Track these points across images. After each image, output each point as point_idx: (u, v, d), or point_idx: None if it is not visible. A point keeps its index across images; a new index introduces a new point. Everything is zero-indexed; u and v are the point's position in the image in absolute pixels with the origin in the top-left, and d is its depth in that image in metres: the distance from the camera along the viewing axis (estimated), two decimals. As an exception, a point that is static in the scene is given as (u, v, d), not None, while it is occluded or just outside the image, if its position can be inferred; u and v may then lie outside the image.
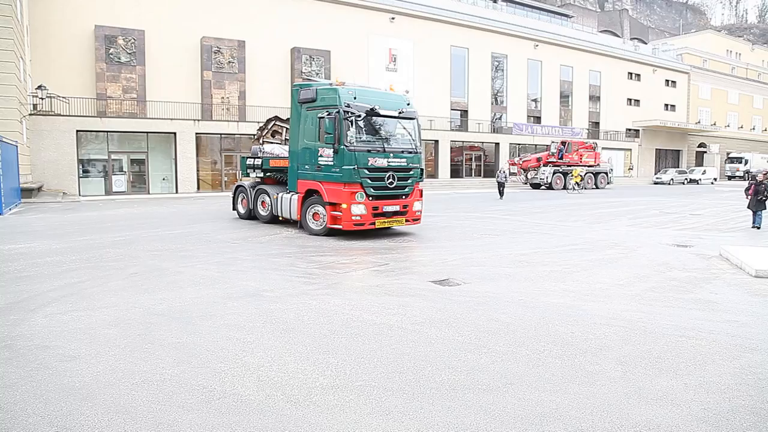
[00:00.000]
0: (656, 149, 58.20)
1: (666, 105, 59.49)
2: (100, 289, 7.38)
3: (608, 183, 40.89)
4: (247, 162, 15.64)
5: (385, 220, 12.71)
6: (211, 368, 4.59)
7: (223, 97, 31.86)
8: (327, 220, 12.49)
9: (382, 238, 12.67)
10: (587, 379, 4.47)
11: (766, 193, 15.23)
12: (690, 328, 5.86)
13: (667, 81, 59.65)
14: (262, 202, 15.40)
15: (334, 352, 5.02)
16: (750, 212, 15.99)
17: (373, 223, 12.45)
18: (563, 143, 39.13)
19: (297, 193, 13.50)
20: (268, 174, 15.76)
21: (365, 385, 4.27)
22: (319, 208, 12.84)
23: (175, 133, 29.72)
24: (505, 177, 28.57)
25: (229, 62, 31.82)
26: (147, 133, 29.24)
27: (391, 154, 12.60)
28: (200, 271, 8.72)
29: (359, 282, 8.06)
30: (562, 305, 6.80)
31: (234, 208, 16.95)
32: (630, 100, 56.18)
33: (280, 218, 14.53)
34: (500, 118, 46.14)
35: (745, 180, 42.36)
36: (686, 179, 50.42)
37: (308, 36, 34.87)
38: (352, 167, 12.02)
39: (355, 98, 12.27)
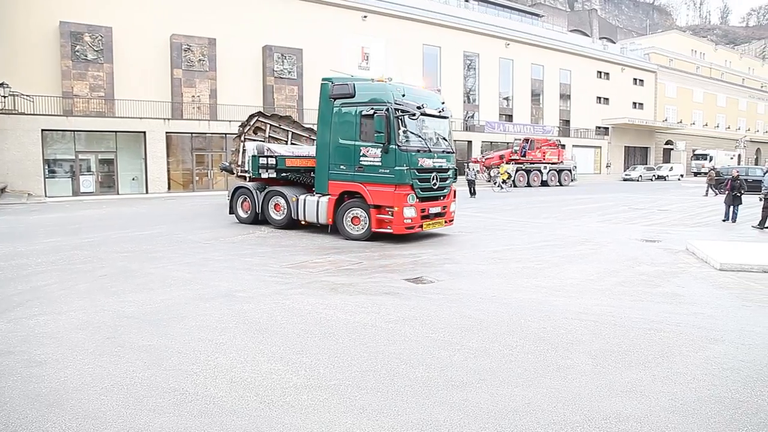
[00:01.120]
0: (625, 146, 59.28)
1: (634, 103, 60.63)
2: (67, 292, 7.21)
3: (572, 180, 41.23)
4: (260, 161, 14.10)
5: (430, 222, 12.31)
6: (183, 370, 4.53)
7: (193, 96, 31.39)
8: (372, 224, 11.78)
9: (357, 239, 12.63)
10: (559, 373, 4.53)
11: (741, 189, 15.94)
12: (658, 321, 5.99)
13: (635, 80, 60.78)
14: (276, 204, 14.07)
15: (307, 351, 4.99)
16: (722, 207, 16.58)
17: (421, 226, 12.02)
18: (526, 140, 39.42)
19: (328, 195, 12.50)
20: (283, 175, 14.43)
21: (339, 384, 4.26)
22: (360, 212, 12.05)
23: (144, 132, 29.16)
24: (474, 175, 28.72)
25: (200, 60, 31.35)
26: (116, 132, 28.62)
27: (435, 155, 12.27)
28: (171, 272, 8.59)
29: (333, 281, 8.03)
30: (534, 301, 6.89)
31: (232, 212, 15.44)
32: (599, 98, 57.09)
33: (303, 222, 13.29)
34: (472, 117, 46.45)
35: (709, 176, 43.35)
36: (654, 176, 51.47)
37: (280, 34, 34.57)
38: (405, 168, 11.44)
39: (403, 95, 11.68)
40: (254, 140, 17.91)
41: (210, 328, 5.66)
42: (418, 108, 11.68)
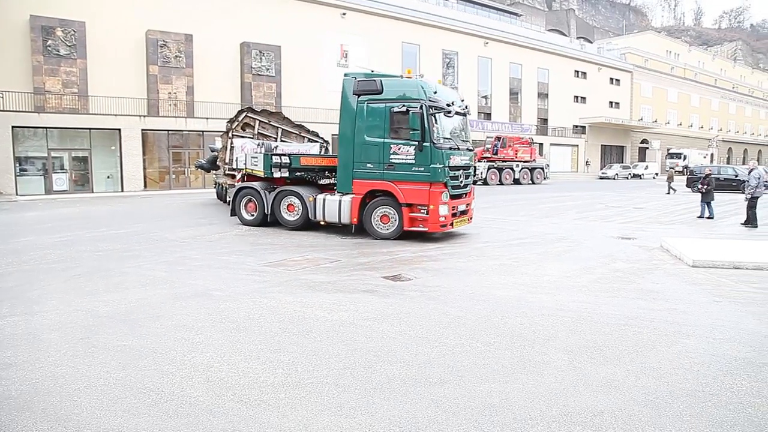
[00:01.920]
0: (602, 145, 60.07)
1: (611, 102, 61.46)
2: (39, 293, 7.07)
3: (545, 178, 41.51)
4: (273, 160, 13.27)
5: (457, 220, 12.25)
6: (159, 370, 4.48)
7: (170, 93, 30.98)
8: (404, 222, 11.59)
9: (332, 235, 12.61)
10: (535, 368, 4.58)
11: (710, 185, 16.70)
12: (632, 317, 6.08)
13: (611, 79, 61.62)
14: (289, 205, 13.32)
15: (285, 349, 4.97)
16: (695, 204, 17.04)
17: (451, 224, 11.92)
18: (498, 138, 39.62)
19: (352, 194, 12.16)
20: (298, 174, 13.80)
21: (317, 382, 4.24)
22: (389, 210, 11.82)
23: (119, 130, 28.71)
24: None
25: (176, 56, 30.94)
26: (90, 129, 28.13)
27: (462, 152, 12.21)
28: (147, 271, 8.48)
29: (311, 279, 8.00)
30: (511, 298, 6.95)
31: (234, 214, 14.48)
32: (577, 97, 57.76)
33: (322, 222, 12.78)
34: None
35: (683, 174, 44.24)
36: (630, 174, 52.27)
37: (258, 31, 34.29)
38: (440, 166, 11.33)
39: (435, 92, 11.55)
40: (243, 137, 17.45)
41: (186, 328, 5.60)
42: (449, 105, 11.58)
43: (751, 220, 14.96)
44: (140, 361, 4.68)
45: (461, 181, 12.19)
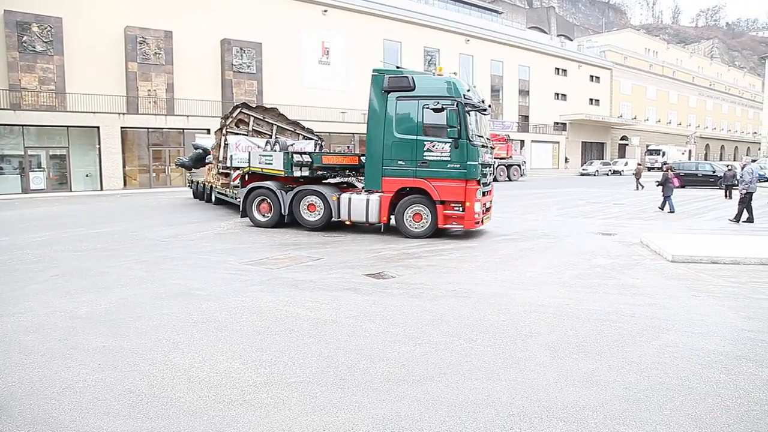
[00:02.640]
0: (582, 142, 60.66)
1: (591, 99, 62.07)
2: (16, 294, 6.93)
3: (521, 175, 41.62)
4: (294, 159, 12.78)
5: (485, 217, 12.30)
6: (139, 371, 4.42)
7: (149, 90, 30.61)
8: (437, 220, 11.52)
9: (313, 234, 12.56)
10: (518, 365, 4.60)
11: (668, 181, 17.66)
12: (613, 312, 6.15)
13: (591, 76, 62.21)
14: (309, 205, 12.77)
15: (267, 349, 4.93)
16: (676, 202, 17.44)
17: (482, 221, 11.95)
18: None
19: (381, 192, 11.95)
20: (318, 173, 13.41)
21: (299, 382, 4.22)
22: (422, 208, 11.70)
23: (98, 127, 28.31)
24: None
25: (156, 53, 30.58)
26: (67, 127, 27.69)
27: (488, 149, 12.26)
28: (127, 271, 8.36)
29: (293, 277, 7.96)
30: (494, 294, 6.98)
31: (245, 215, 13.75)
32: (557, 94, 58.22)
33: (348, 222, 12.44)
34: (434, 112, 46.69)
35: (662, 171, 44.94)
36: (610, 170, 52.81)
37: (239, 28, 34.01)
38: (476, 163, 11.34)
39: (468, 90, 11.57)
40: (237, 134, 17.05)
41: (167, 328, 5.53)
42: (482, 102, 11.57)
43: (739, 216, 14.88)
44: (120, 362, 4.61)
45: (488, 178, 12.36)
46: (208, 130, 28.88)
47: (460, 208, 11.41)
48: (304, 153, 13.52)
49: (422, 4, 49.24)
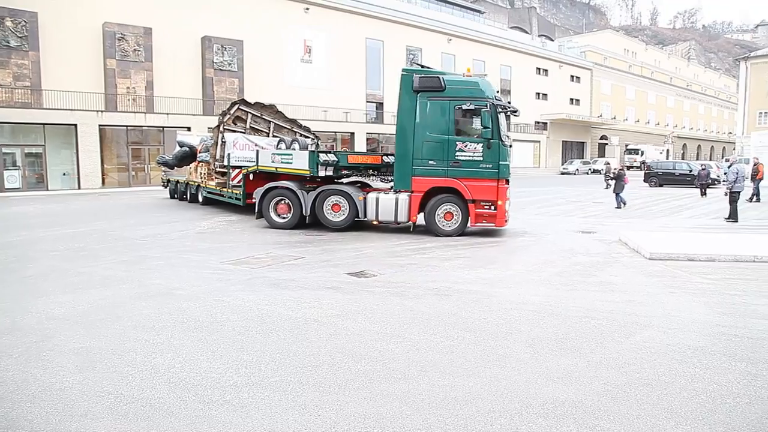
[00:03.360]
0: (563, 141, 61.23)
1: (571, 99, 62.67)
2: (-10, 294, 6.81)
3: None
4: (320, 158, 12.50)
5: (509, 215, 12.54)
6: (118, 373, 4.37)
7: (128, 87, 30.21)
8: (471, 218, 11.70)
9: (294, 233, 12.52)
10: (498, 362, 4.64)
11: (619, 179, 18.53)
12: (592, 309, 6.23)
13: (572, 76, 62.83)
14: (334, 205, 12.46)
15: (248, 348, 4.91)
16: (657, 201, 17.70)
17: (507, 219, 12.18)
18: None
19: (410, 192, 11.95)
20: (344, 173, 13.30)
21: (281, 381, 4.21)
22: (453, 208, 11.81)
23: (75, 125, 27.84)
24: None
25: (135, 50, 30.17)
26: (44, 124, 27.19)
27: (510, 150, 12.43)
28: (105, 270, 8.26)
29: (275, 276, 7.93)
30: (474, 292, 7.03)
31: (261, 216, 13.18)
32: (538, 94, 58.69)
33: (375, 222, 12.40)
34: (416, 111, 46.77)
35: (641, 170, 45.62)
36: (590, 170, 53.40)
37: (220, 25, 33.71)
38: (507, 163, 11.70)
39: (497, 92, 11.79)
40: (234, 131, 16.72)
41: (147, 328, 5.48)
42: (509, 104, 11.78)
43: (731, 215, 14.98)
44: (98, 363, 4.55)
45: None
46: (189, 128, 28.59)
47: (492, 207, 11.65)
48: (330, 152, 13.32)
49: (405, 3, 49.29)
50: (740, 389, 4.11)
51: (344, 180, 13.71)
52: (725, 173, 15.51)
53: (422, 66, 12.84)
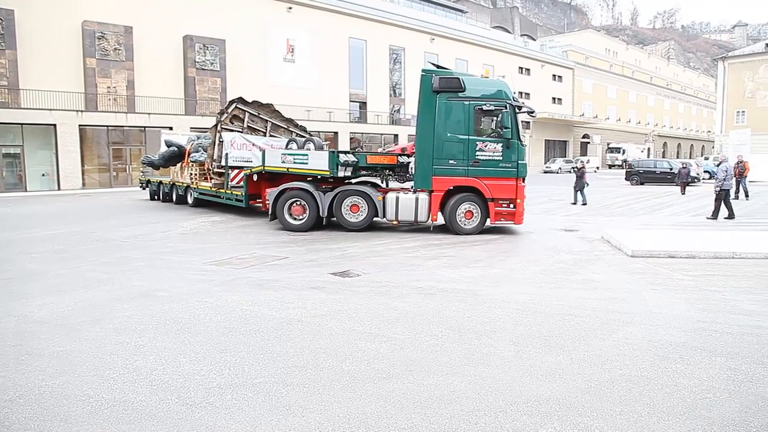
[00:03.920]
0: (545, 140, 61.64)
1: (553, 98, 63.12)
2: (-33, 297, 6.67)
3: None
4: (340, 159, 12.29)
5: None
6: (99, 376, 4.30)
7: (109, 87, 29.80)
8: (490, 216, 11.97)
9: (278, 233, 12.46)
10: (482, 360, 4.66)
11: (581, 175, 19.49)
12: (575, 307, 6.28)
13: (554, 76, 63.28)
14: (352, 206, 12.37)
15: (231, 350, 4.87)
16: (636, 199, 17.87)
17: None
18: None
19: (429, 191, 12.06)
20: (363, 173, 13.21)
21: (264, 382, 4.18)
22: (473, 206, 12.03)
23: (55, 125, 27.42)
24: None
25: (116, 49, 29.77)
26: (22, 124, 26.73)
27: None
28: (86, 272, 8.14)
29: (258, 277, 7.88)
30: (459, 291, 7.04)
31: (275, 218, 12.79)
32: (521, 93, 58.89)
33: (395, 222, 12.38)
34: (398, 111, 46.84)
35: (622, 168, 46.19)
36: (573, 168, 53.79)
37: (202, 24, 33.39)
38: (524, 162, 12.03)
39: (515, 93, 12.13)
40: (232, 130, 16.33)
41: (128, 330, 5.41)
42: (524, 104, 12.09)
43: (726, 211, 14.98)
44: (79, 367, 4.48)
45: None
46: (171, 128, 28.27)
47: (511, 205, 11.99)
48: (349, 152, 13.22)
49: (387, 2, 49.22)
50: (720, 384, 4.16)
51: (353, 180, 13.55)
52: (716, 171, 15.59)
53: (438, 66, 12.98)
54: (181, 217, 15.39)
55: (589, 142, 67.09)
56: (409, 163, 13.04)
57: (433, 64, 13.22)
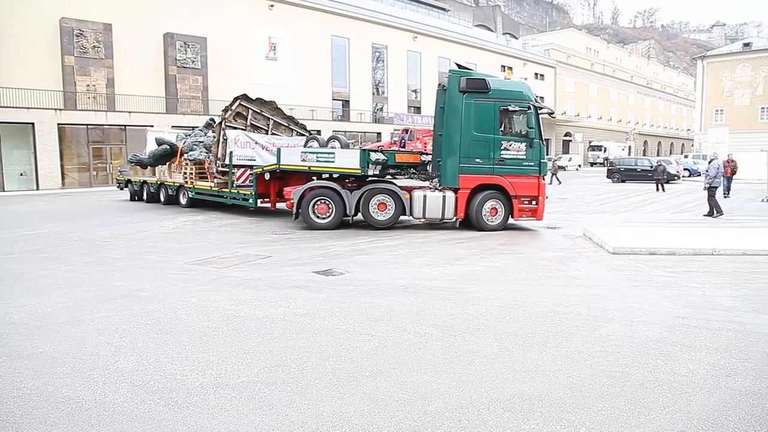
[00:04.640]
0: (528, 138, 62.08)
1: (536, 97, 63.57)
2: (-58, 299, 6.54)
3: None
4: (371, 157, 12.17)
5: None
6: (79, 377, 4.25)
7: (88, 85, 29.38)
8: (514, 213, 12.29)
9: (261, 232, 12.40)
10: (466, 357, 4.68)
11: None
12: (557, 304, 6.33)
13: (536, 74, 63.71)
14: (380, 204, 12.37)
15: (214, 349, 4.84)
16: (618, 196, 17.84)
17: None
18: (405, 131, 39.50)
19: (456, 189, 12.23)
20: (389, 172, 13.06)
21: (247, 382, 4.16)
22: (496, 204, 12.32)
23: (33, 124, 26.99)
24: None
25: (95, 47, 29.35)
26: (-2, 123, 26.30)
27: None
28: (66, 273, 8.03)
29: (241, 276, 7.83)
30: (442, 289, 7.07)
31: (299, 216, 12.64)
32: (504, 91, 59.30)
33: (422, 220, 12.51)
34: (381, 109, 46.85)
35: (604, 166, 46.67)
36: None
37: (183, 21, 33.06)
38: (546, 161, 12.54)
39: (536, 95, 12.56)
40: (235, 128, 15.99)
41: (109, 331, 5.34)
42: (545, 105, 12.51)
43: (714, 210, 15.15)
44: (58, 368, 4.42)
45: None
46: (152, 126, 27.95)
47: (533, 202, 12.33)
48: (379, 151, 12.99)
49: (370, 0, 49.22)
50: (699, 379, 4.23)
51: (369, 179, 13.29)
52: (706, 170, 15.66)
53: (460, 66, 13.20)
54: (163, 217, 15.23)
55: (571, 140, 67.69)
56: (429, 162, 13.29)
57: (457, 65, 13.45)
